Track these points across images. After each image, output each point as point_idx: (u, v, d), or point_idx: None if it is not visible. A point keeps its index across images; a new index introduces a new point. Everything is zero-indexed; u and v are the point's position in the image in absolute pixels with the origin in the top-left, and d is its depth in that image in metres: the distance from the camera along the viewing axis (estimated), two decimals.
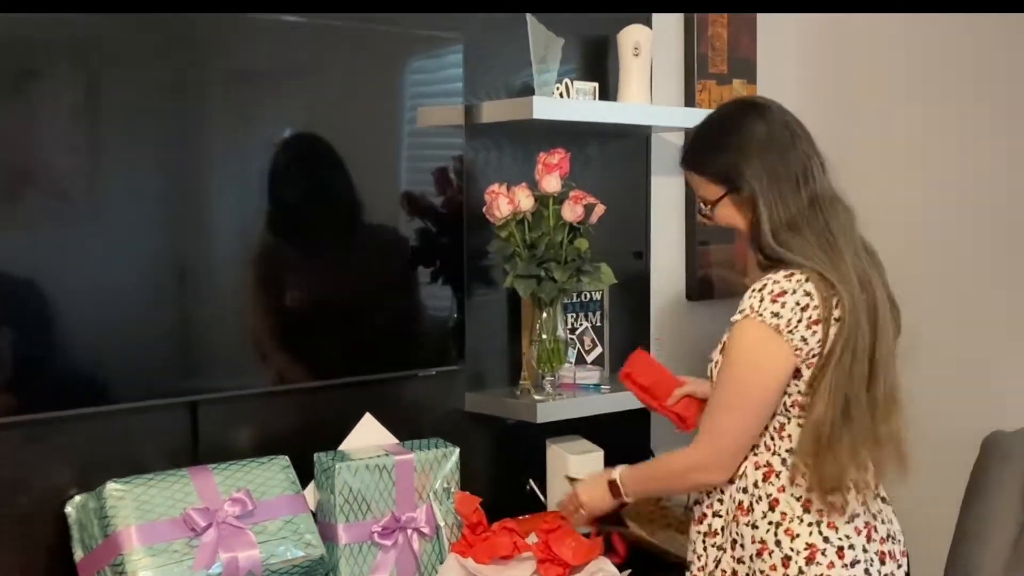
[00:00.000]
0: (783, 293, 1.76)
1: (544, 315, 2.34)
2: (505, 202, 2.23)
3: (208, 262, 2.02)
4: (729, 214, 1.88)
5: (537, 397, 2.36)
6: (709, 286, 2.91)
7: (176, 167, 1.97)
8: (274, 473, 1.96)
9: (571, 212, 2.26)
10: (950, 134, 2.86)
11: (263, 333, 2.09)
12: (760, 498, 1.81)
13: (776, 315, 1.76)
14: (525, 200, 2.25)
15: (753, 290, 1.80)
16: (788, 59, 3.08)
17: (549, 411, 2.32)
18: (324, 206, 2.18)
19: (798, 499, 1.78)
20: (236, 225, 2.07)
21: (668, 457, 2.02)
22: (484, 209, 2.28)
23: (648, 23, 2.64)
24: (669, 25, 2.79)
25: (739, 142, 1.83)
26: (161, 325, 1.95)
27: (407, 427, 2.24)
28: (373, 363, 2.24)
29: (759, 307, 1.77)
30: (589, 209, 2.30)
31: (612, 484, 1.99)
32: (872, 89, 2.98)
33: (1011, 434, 2.48)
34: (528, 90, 2.39)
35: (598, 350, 2.63)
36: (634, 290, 2.74)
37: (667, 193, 2.83)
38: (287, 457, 2.02)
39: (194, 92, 1.98)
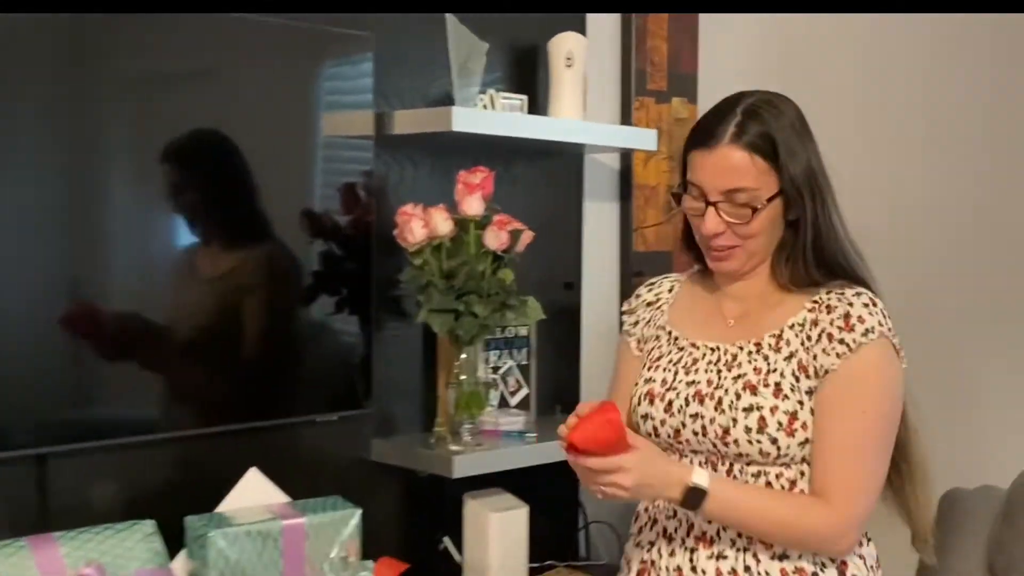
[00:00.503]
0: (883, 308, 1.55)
1: (463, 355, 2.07)
2: (420, 225, 2.00)
3: (60, 284, 1.72)
4: (772, 217, 1.55)
5: (454, 447, 2.10)
6: None
7: (43, 184, 1.69)
8: (135, 542, 1.66)
9: (495, 239, 2.02)
10: (898, 150, 2.68)
11: (127, 371, 1.79)
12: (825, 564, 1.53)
13: (895, 333, 1.54)
14: (443, 224, 2.02)
15: (864, 305, 1.52)
16: (731, 77, 2.86)
17: (467, 465, 2.07)
18: (210, 222, 1.90)
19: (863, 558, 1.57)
20: (102, 246, 1.77)
21: (795, 504, 1.51)
22: (396, 233, 2.04)
23: (582, 30, 2.40)
24: (604, 34, 2.56)
25: (812, 138, 1.59)
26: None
27: (302, 482, 1.95)
28: (262, 407, 1.96)
29: (886, 323, 1.52)
30: (515, 236, 2.07)
31: (694, 492, 1.46)
32: (819, 107, 2.77)
33: (970, 492, 2.28)
34: (448, 100, 2.15)
35: (524, 392, 2.38)
36: (564, 325, 2.51)
37: (601, 219, 2.60)
38: (153, 522, 1.72)
39: (81, 96, 1.72)
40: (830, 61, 2.76)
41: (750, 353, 1.55)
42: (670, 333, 1.65)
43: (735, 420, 1.50)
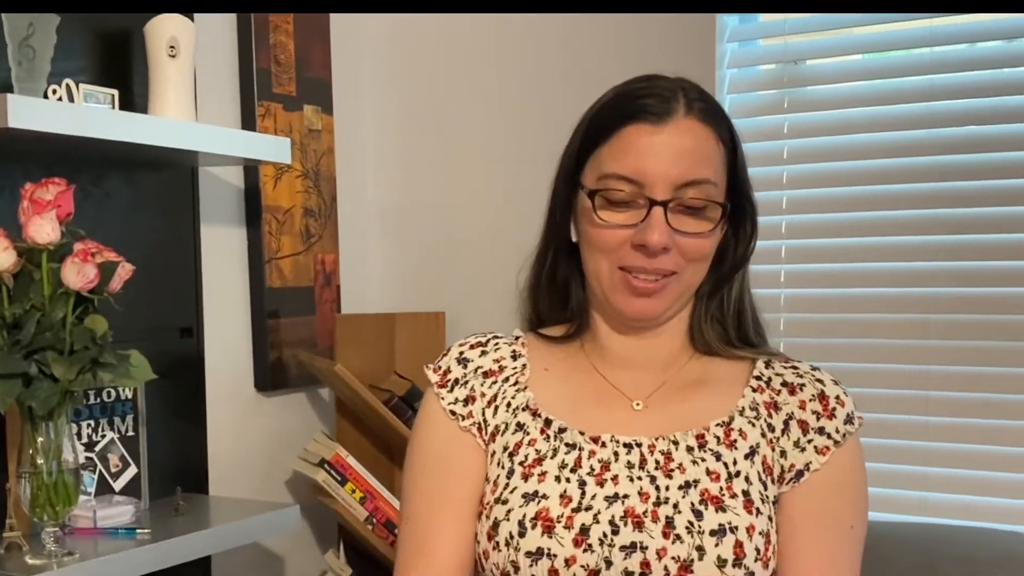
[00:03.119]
0: None
1: (39, 435, 1.53)
2: None
3: None
4: (717, 237, 1.15)
5: (32, 560, 1.55)
6: (283, 372, 2.22)
7: None
8: None
9: (77, 274, 1.52)
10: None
11: None
12: None
13: None
14: (1, 255, 1.47)
15: (833, 382, 1.17)
16: (369, 84, 2.51)
17: None
18: None
19: None
20: None
21: None
22: None
23: (189, 13, 1.93)
24: (215, 22, 2.10)
25: None
26: None
27: None
28: None
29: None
30: (107, 270, 1.57)
31: None
32: (462, 113, 2.48)
33: None
34: (5, 87, 1.59)
35: (131, 471, 1.85)
36: (183, 381, 2.01)
37: (224, 248, 2.12)
38: None
39: None
40: (470, 65, 2.47)
41: (691, 450, 1.11)
42: (546, 420, 1.16)
43: (701, 549, 1.05)
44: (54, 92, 1.64)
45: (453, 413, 1.18)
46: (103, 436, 1.81)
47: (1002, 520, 1.90)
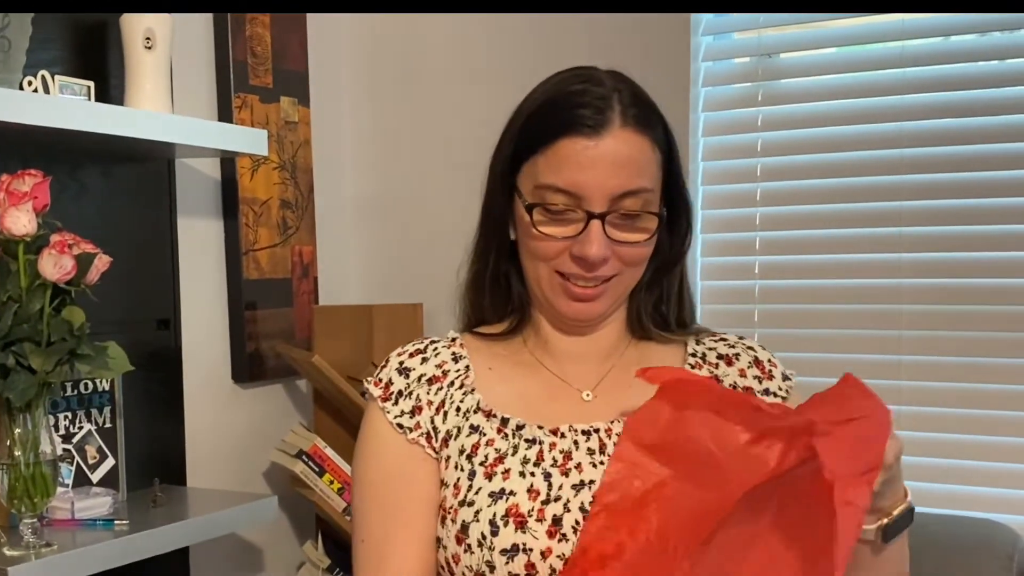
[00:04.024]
0: None
1: (17, 427, 1.52)
2: None
3: None
4: (655, 240, 1.15)
5: (11, 552, 1.54)
6: (261, 364, 2.22)
7: None
8: None
9: (54, 266, 1.52)
10: None
11: None
12: None
13: None
14: None
15: (761, 347, 1.24)
16: (345, 75, 2.51)
17: (31, 574, 1.50)
18: None
19: None
20: None
21: None
22: None
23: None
24: (192, 15, 2.09)
25: None
26: None
27: None
28: None
29: None
30: (84, 261, 1.56)
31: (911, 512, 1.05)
32: (437, 112, 2.48)
33: None
34: None
35: (109, 463, 1.84)
36: (160, 373, 2.01)
37: (201, 240, 2.12)
38: None
39: None
40: (447, 57, 2.47)
41: None
42: (502, 419, 1.15)
43: None
44: (29, 84, 1.63)
45: (400, 427, 1.15)
46: (80, 428, 1.80)
47: (976, 508, 1.93)
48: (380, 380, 1.19)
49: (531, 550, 1.06)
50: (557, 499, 1.08)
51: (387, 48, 2.50)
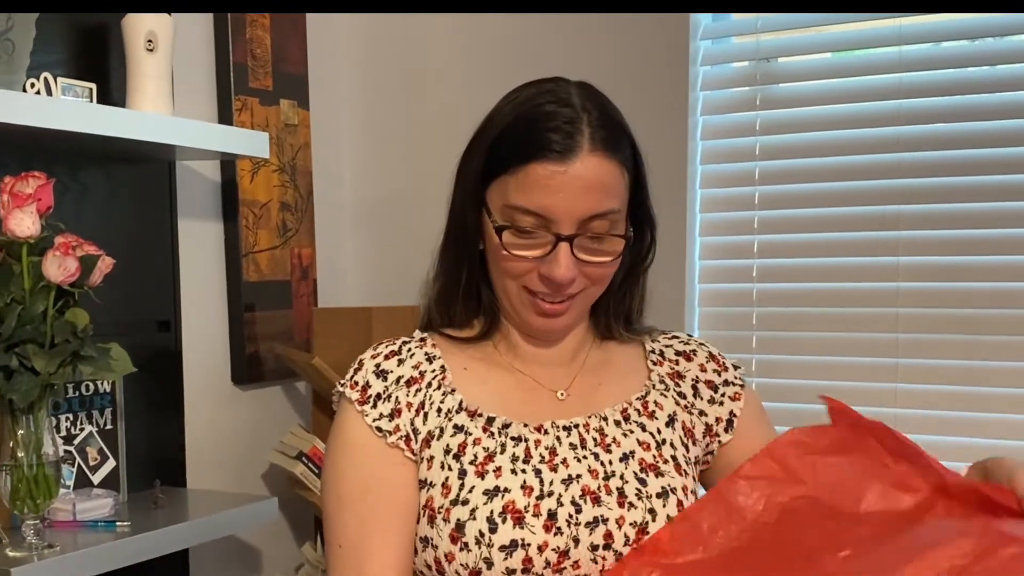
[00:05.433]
0: None
1: (19, 428, 1.52)
2: None
3: None
4: (620, 258, 1.18)
5: (13, 553, 1.54)
6: (260, 366, 2.23)
7: None
8: None
9: (58, 268, 1.52)
10: None
11: None
12: None
13: None
14: None
15: (708, 343, 1.31)
16: (345, 79, 2.51)
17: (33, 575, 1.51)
18: None
19: None
20: None
21: None
22: None
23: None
24: (193, 17, 2.10)
25: None
26: None
27: None
28: None
29: None
30: (88, 263, 1.56)
31: None
32: (438, 113, 2.49)
33: None
34: None
35: (110, 465, 1.85)
36: (161, 374, 2.01)
37: (201, 242, 2.13)
38: None
39: None
40: (445, 60, 2.48)
41: (619, 423, 1.18)
42: (488, 419, 1.16)
43: (653, 512, 1.12)
44: (32, 86, 1.64)
45: (379, 430, 1.14)
46: (82, 429, 1.81)
47: None
48: (356, 383, 1.18)
49: (529, 545, 1.08)
50: (550, 494, 1.11)
51: (386, 52, 2.51)
